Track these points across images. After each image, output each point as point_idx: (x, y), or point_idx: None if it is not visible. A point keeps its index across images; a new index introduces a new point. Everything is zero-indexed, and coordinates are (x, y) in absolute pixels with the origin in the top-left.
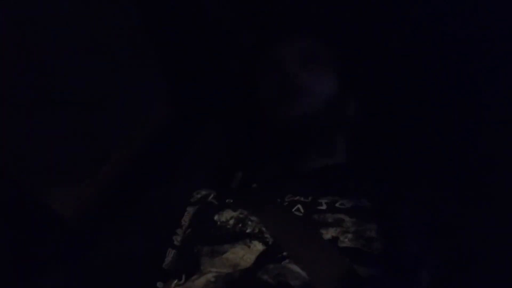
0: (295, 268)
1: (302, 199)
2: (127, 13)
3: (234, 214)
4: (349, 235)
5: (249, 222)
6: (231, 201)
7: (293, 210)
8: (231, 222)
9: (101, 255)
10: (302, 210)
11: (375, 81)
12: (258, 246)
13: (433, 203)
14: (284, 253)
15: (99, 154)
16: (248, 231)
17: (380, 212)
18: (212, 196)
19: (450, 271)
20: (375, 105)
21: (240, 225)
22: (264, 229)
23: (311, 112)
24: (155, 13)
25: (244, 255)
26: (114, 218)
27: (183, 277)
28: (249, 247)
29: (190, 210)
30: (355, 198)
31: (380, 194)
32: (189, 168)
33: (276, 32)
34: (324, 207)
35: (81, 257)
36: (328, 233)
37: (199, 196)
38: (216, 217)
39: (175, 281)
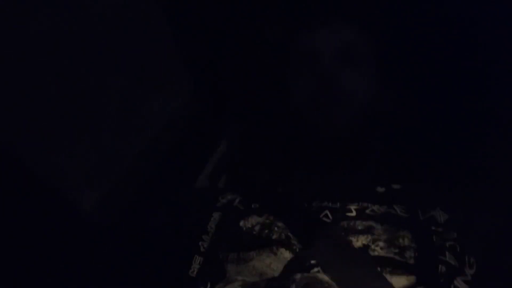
0: (324, 277)
1: (330, 204)
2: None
3: (260, 219)
4: (381, 243)
5: (276, 228)
6: (257, 206)
7: (320, 216)
8: (257, 228)
9: (125, 261)
10: (330, 216)
11: (415, 82)
12: (285, 254)
13: (469, 209)
14: (312, 262)
15: (124, 157)
16: (274, 237)
17: (413, 219)
18: (237, 201)
19: (487, 281)
20: (413, 107)
21: (266, 231)
22: (291, 235)
23: (343, 114)
24: (181, 8)
25: (271, 263)
26: (139, 224)
27: (209, 284)
28: (275, 254)
29: (216, 215)
30: (386, 204)
31: (412, 200)
32: (214, 172)
33: (310, 22)
34: (353, 213)
35: (105, 263)
36: (359, 241)
37: (224, 201)
38: (241, 223)
39: None
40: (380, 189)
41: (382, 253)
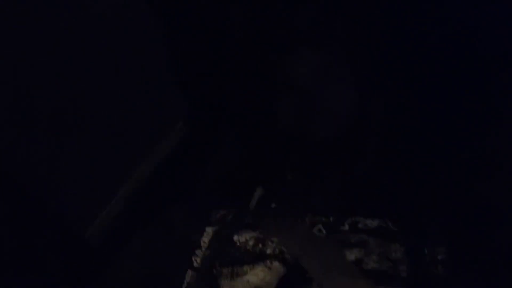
0: None
1: (323, 219)
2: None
3: (254, 234)
4: (374, 257)
5: (269, 243)
6: (251, 221)
7: (314, 230)
8: (251, 242)
9: (120, 275)
10: (323, 231)
11: (398, 93)
12: (279, 268)
13: (461, 222)
14: (306, 276)
15: (118, 172)
16: (268, 251)
17: (405, 233)
18: (231, 216)
19: None
20: (399, 119)
21: (260, 245)
22: (284, 249)
23: (332, 129)
24: (175, 29)
25: (264, 277)
26: (133, 238)
27: None
28: (269, 268)
29: (209, 230)
30: (378, 218)
31: (404, 214)
32: (208, 187)
33: (293, 44)
34: (346, 227)
35: (101, 276)
36: (352, 255)
37: (218, 216)
38: (235, 237)
39: None
40: (372, 204)
41: (375, 266)
